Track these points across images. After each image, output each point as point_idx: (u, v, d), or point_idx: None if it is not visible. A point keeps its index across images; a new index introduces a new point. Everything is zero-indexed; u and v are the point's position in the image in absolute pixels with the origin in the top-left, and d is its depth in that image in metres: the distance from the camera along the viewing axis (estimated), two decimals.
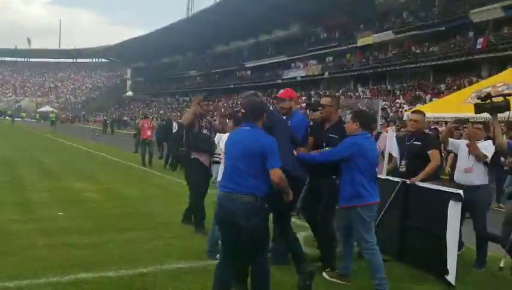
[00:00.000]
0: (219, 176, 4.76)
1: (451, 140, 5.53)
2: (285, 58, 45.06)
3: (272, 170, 3.42)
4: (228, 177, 3.54)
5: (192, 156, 6.07)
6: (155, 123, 18.65)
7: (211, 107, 6.89)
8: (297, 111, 4.94)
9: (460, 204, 4.52)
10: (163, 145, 15.66)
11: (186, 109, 35.01)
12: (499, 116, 4.39)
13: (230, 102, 47.17)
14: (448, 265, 4.43)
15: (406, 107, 25.63)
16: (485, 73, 26.05)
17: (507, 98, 4.28)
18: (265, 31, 49.50)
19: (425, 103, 22.85)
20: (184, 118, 6.61)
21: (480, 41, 27.01)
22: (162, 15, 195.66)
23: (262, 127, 3.64)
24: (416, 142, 5.11)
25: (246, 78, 49.71)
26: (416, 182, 4.93)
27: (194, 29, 52.09)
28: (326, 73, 39.57)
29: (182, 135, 6.41)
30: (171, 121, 15.19)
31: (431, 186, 4.84)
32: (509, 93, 4.53)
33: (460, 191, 4.53)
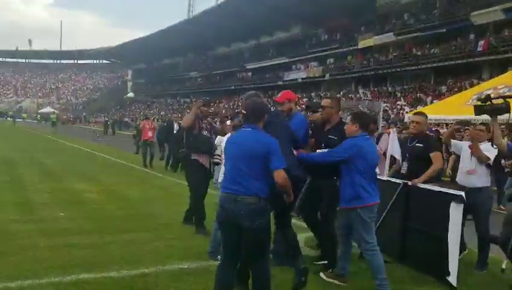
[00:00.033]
0: (220, 177, 4.77)
1: (453, 141, 5.52)
2: (286, 60, 45.08)
3: (276, 171, 3.39)
4: (230, 178, 3.51)
5: (192, 157, 6.11)
6: (156, 124, 18.67)
7: (211, 111, 6.91)
8: (297, 113, 4.96)
9: (462, 206, 4.52)
10: (164, 147, 15.68)
11: (187, 110, 34.99)
12: (498, 118, 4.38)
13: (231, 103, 47.21)
14: (450, 267, 4.43)
15: (407, 109, 25.64)
16: (486, 75, 26.07)
17: (507, 100, 4.28)
18: (266, 33, 49.53)
19: (426, 105, 22.87)
20: (184, 121, 6.62)
21: (481, 43, 27.03)
22: (163, 17, 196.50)
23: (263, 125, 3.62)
24: (418, 144, 5.10)
25: (247, 80, 49.71)
26: (417, 183, 4.93)
27: (195, 31, 52.11)
28: (327, 75, 39.59)
29: (183, 136, 6.41)
30: (172, 122, 15.22)
31: (432, 188, 4.83)
32: (509, 95, 4.53)
33: (462, 193, 4.52)
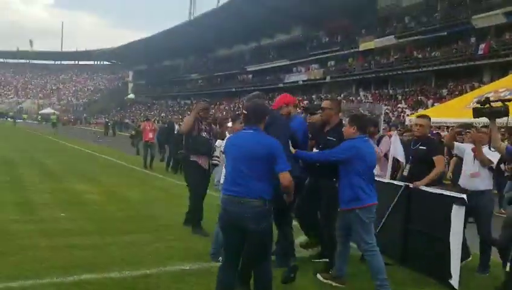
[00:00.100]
0: (222, 178, 4.76)
1: (456, 144, 5.51)
2: (287, 62, 45.12)
3: (282, 173, 3.38)
4: (231, 180, 3.47)
5: (191, 159, 6.13)
6: (156, 126, 18.69)
7: (211, 116, 6.94)
8: (297, 115, 5.00)
9: (463, 208, 4.52)
10: (165, 148, 15.70)
11: (188, 112, 35.05)
12: (497, 121, 4.39)
13: (232, 105, 47.23)
14: (452, 269, 4.43)
15: (407, 111, 25.67)
16: (487, 78, 26.09)
17: (506, 103, 4.29)
18: (267, 35, 49.58)
19: (427, 108, 22.89)
20: (183, 126, 6.59)
21: (482, 46, 27.05)
22: (164, 18, 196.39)
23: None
24: (421, 147, 5.10)
25: (248, 82, 49.71)
26: (419, 186, 4.93)
27: (196, 33, 52.18)
28: (328, 77, 39.61)
29: (182, 137, 6.42)
30: (173, 123, 15.26)
31: (434, 190, 4.83)
32: (508, 99, 4.53)
33: (464, 196, 4.52)
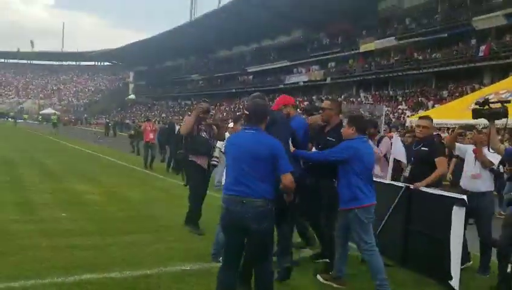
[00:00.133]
0: (223, 179, 4.78)
1: (457, 145, 5.51)
2: (288, 64, 45.17)
3: (284, 174, 3.39)
4: (232, 180, 3.45)
5: (190, 159, 6.14)
6: (157, 126, 18.71)
7: (211, 117, 6.96)
8: (297, 115, 5.02)
9: (464, 209, 4.52)
10: (165, 148, 15.71)
11: (188, 112, 35.01)
12: (496, 122, 4.40)
13: (232, 106, 47.27)
14: (452, 270, 4.43)
15: (408, 113, 25.68)
16: (487, 80, 26.11)
17: (505, 104, 4.29)
18: (268, 36, 49.61)
19: (428, 109, 22.90)
20: (182, 128, 6.59)
21: (482, 48, 27.08)
22: (165, 19, 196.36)
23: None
24: (423, 148, 5.09)
25: (248, 83, 49.77)
26: (419, 187, 4.93)
27: (197, 34, 52.21)
28: (329, 78, 39.65)
29: (182, 137, 6.44)
30: (174, 124, 15.28)
31: (434, 191, 4.83)
32: (507, 100, 4.54)
33: (464, 197, 4.52)
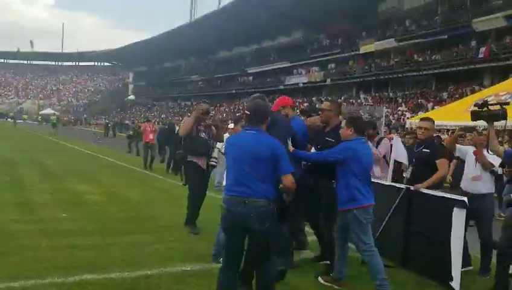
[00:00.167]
0: (224, 179, 4.77)
1: (458, 146, 5.51)
2: (288, 65, 45.15)
3: (285, 175, 3.41)
4: (234, 180, 3.46)
5: (188, 159, 6.15)
6: (157, 127, 18.71)
7: (211, 118, 6.97)
8: (296, 116, 5.03)
9: (464, 211, 4.52)
10: (165, 149, 15.70)
11: (188, 113, 35.00)
12: (495, 124, 4.40)
13: (232, 107, 47.27)
14: (453, 272, 4.43)
15: (408, 114, 25.69)
16: (487, 82, 26.13)
17: (504, 106, 4.30)
18: (268, 37, 49.62)
19: (428, 111, 22.93)
20: (181, 129, 6.58)
21: (482, 50, 27.08)
22: (164, 19, 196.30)
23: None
24: (425, 150, 5.07)
25: (248, 84, 49.75)
26: (420, 188, 4.93)
27: (197, 34, 52.23)
28: (329, 80, 39.64)
29: (181, 138, 6.45)
30: (174, 125, 15.27)
31: (435, 193, 4.83)
32: (506, 102, 4.55)
33: (465, 198, 4.52)
